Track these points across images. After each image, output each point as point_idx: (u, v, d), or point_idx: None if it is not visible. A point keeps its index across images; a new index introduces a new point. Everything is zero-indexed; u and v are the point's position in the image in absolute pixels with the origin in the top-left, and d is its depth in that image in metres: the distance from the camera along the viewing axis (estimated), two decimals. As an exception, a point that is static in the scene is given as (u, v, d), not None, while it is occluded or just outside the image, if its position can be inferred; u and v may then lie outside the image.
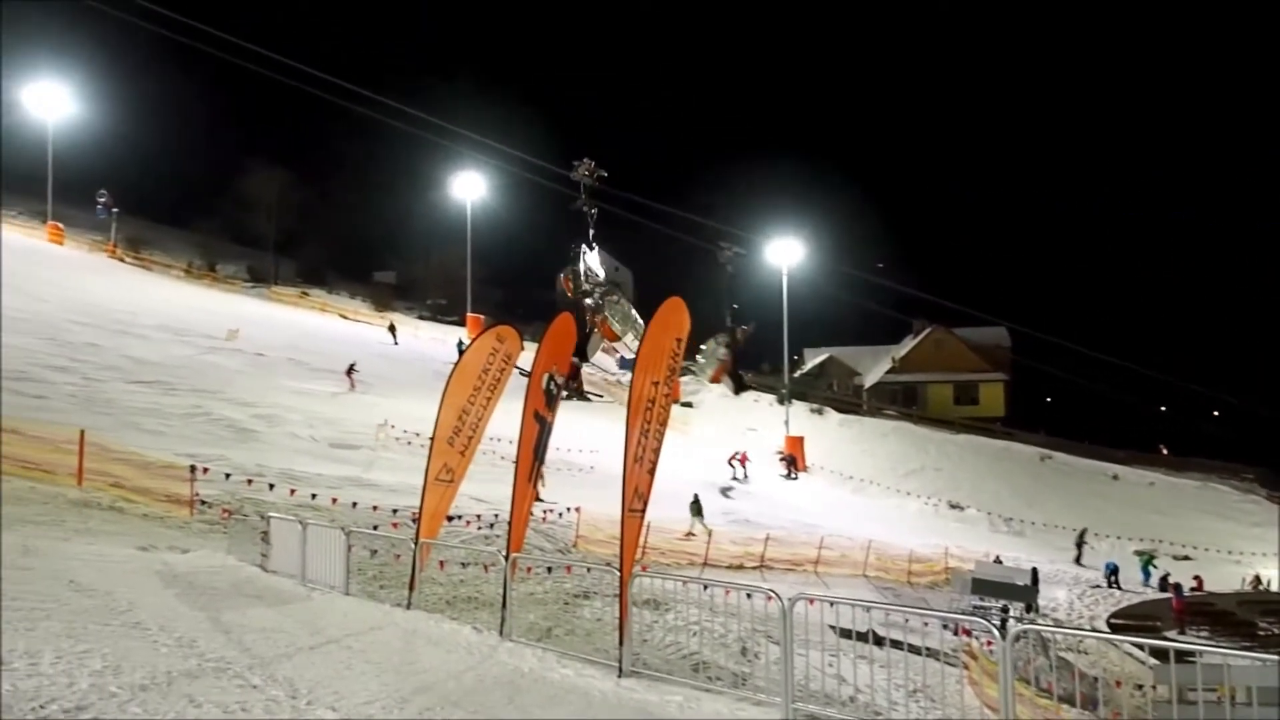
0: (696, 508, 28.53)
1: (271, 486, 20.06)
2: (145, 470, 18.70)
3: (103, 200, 54.28)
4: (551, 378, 12.28)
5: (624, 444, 11.12)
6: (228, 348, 36.27)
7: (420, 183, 73.22)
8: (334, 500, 20.28)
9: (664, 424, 11.75)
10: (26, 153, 56.25)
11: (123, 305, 37.99)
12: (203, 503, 18.23)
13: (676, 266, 69.12)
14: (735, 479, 40.82)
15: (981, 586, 25.91)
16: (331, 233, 73.94)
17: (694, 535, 27.23)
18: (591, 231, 15.98)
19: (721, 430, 50.09)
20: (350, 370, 36.60)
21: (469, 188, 63.04)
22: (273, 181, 69.79)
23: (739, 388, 26.74)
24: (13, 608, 8.82)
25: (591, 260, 15.99)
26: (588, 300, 15.89)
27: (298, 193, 71.56)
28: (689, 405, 52.65)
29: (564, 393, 14.59)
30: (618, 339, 16.20)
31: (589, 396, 22.17)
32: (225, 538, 16.00)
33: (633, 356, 16.15)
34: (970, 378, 72.72)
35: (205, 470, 19.26)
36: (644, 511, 11.58)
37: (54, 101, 54.83)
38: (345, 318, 56.93)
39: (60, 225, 52.05)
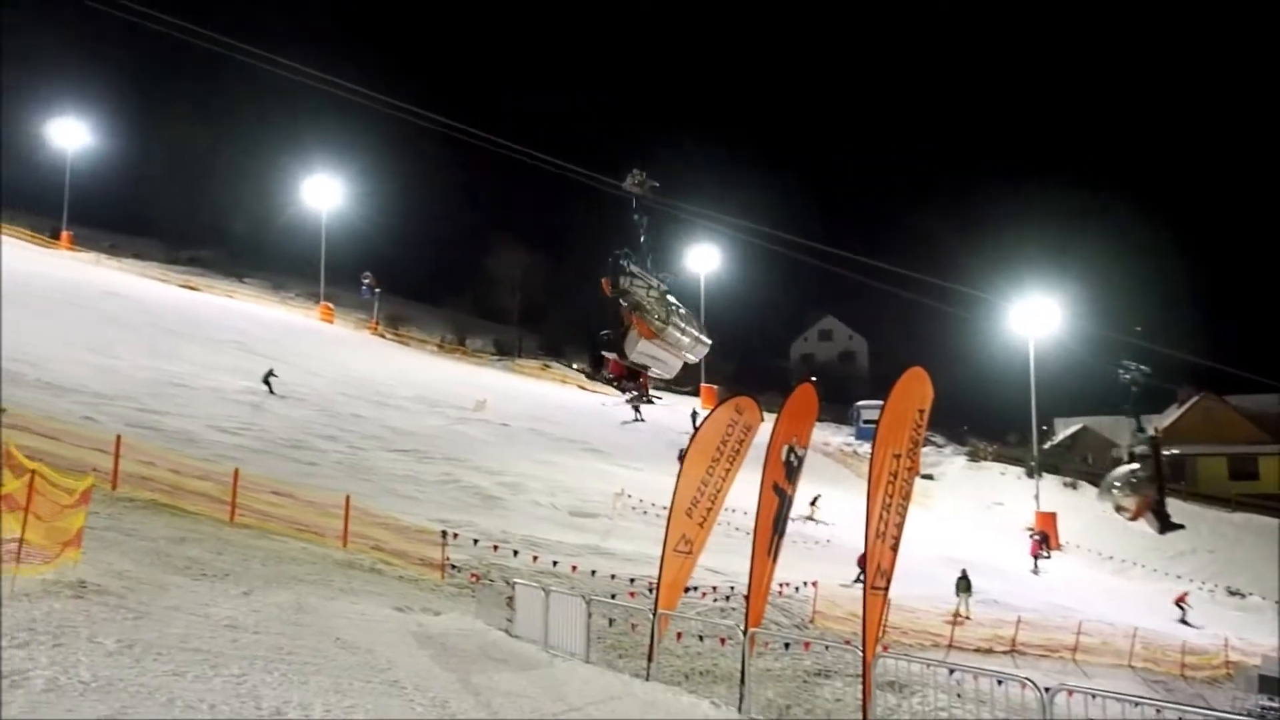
0: (964, 585, 27.06)
1: (515, 553, 20.78)
2: (402, 534, 19.86)
3: (367, 281, 59.18)
4: (791, 449, 12.08)
5: (865, 518, 10.76)
6: (476, 418, 38.28)
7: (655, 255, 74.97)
8: (574, 568, 20.74)
9: (907, 498, 11.29)
10: (304, 239, 62.69)
11: (384, 378, 40.99)
12: (453, 567, 19.10)
13: (914, 331, 67.33)
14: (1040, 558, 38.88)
15: (1270, 685, 23.10)
16: (570, 306, 77.13)
17: (965, 618, 25.81)
18: (642, 238, 16.16)
19: (965, 504, 47.74)
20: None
21: (703, 260, 64.09)
22: (517, 258, 73.89)
23: (1165, 527, 25.01)
24: (289, 661, 9.48)
25: (635, 268, 16.02)
26: (623, 301, 15.87)
27: (540, 268, 75.37)
28: (929, 478, 50.61)
29: (631, 394, 14.52)
30: (655, 335, 16.12)
31: (653, 400, 21.69)
32: (474, 601, 16.64)
33: (672, 358, 16.84)
34: (1247, 450, 65.73)
35: (455, 535, 20.22)
36: (887, 589, 11.11)
37: (327, 194, 61.35)
38: (584, 389, 58.92)
39: (331, 305, 57.27)
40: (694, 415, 45.89)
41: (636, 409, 44.61)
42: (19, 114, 66.30)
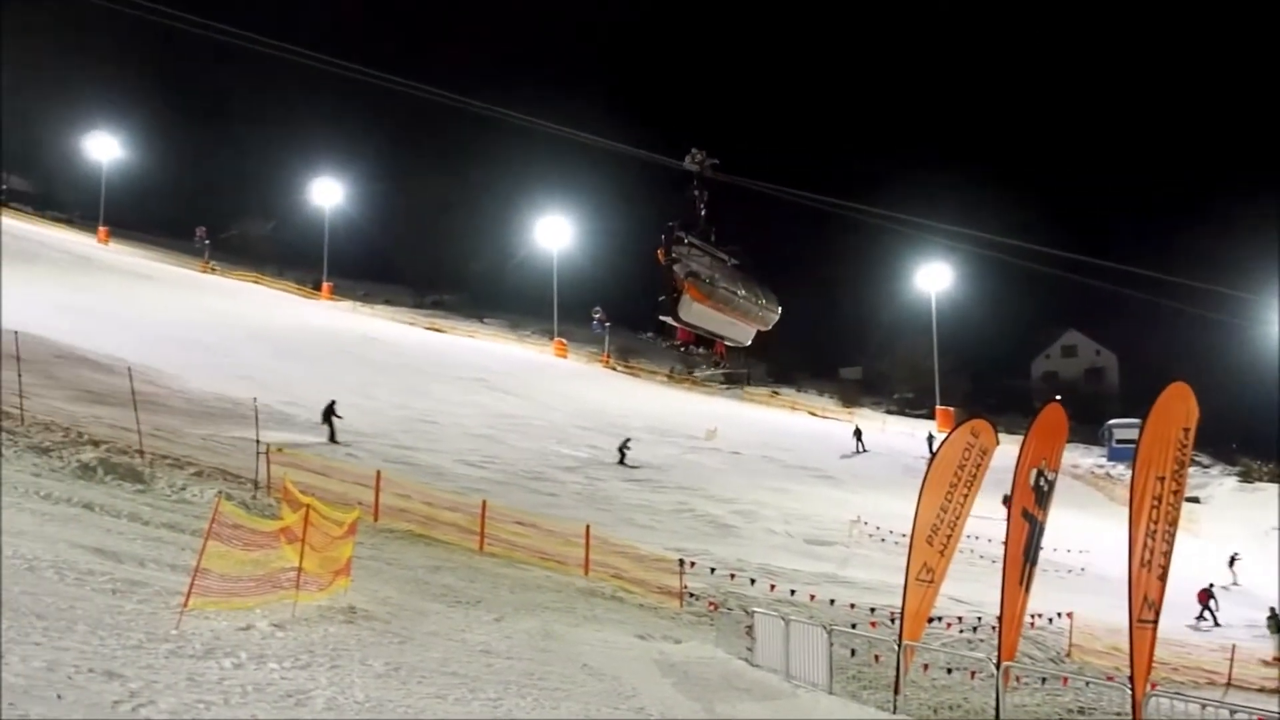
0: (1277, 624, 24.61)
1: (753, 581, 20.67)
2: (640, 563, 20.22)
3: (598, 316, 61.16)
4: (1041, 473, 11.40)
5: (1128, 546, 10.01)
6: (707, 447, 38.59)
7: (882, 275, 73.16)
8: (811, 597, 20.38)
9: (1173, 524, 10.43)
10: (537, 279, 65.63)
11: (616, 410, 42.10)
12: (691, 595, 19.23)
13: (1170, 342, 62.12)
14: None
15: None
16: (799, 332, 76.49)
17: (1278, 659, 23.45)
18: (703, 212, 16.82)
19: (1236, 529, 43.34)
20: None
21: (934, 278, 61.99)
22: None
23: None
24: (540, 686, 9.83)
25: (692, 239, 16.61)
26: (676, 266, 16.31)
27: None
28: (1195, 500, 46.34)
29: (706, 365, 14.77)
30: (707, 299, 16.55)
31: (721, 364, 20.54)
32: (713, 630, 16.66)
33: (739, 323, 17.36)
34: None
35: (692, 564, 20.36)
36: (1155, 622, 10.27)
37: (558, 234, 64.17)
38: (814, 415, 58.20)
39: (564, 341, 59.59)
40: (930, 439, 44.36)
41: (858, 440, 43.27)
42: (289, 180, 73.60)
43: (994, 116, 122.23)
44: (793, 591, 20.35)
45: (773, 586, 20.57)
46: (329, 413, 27.46)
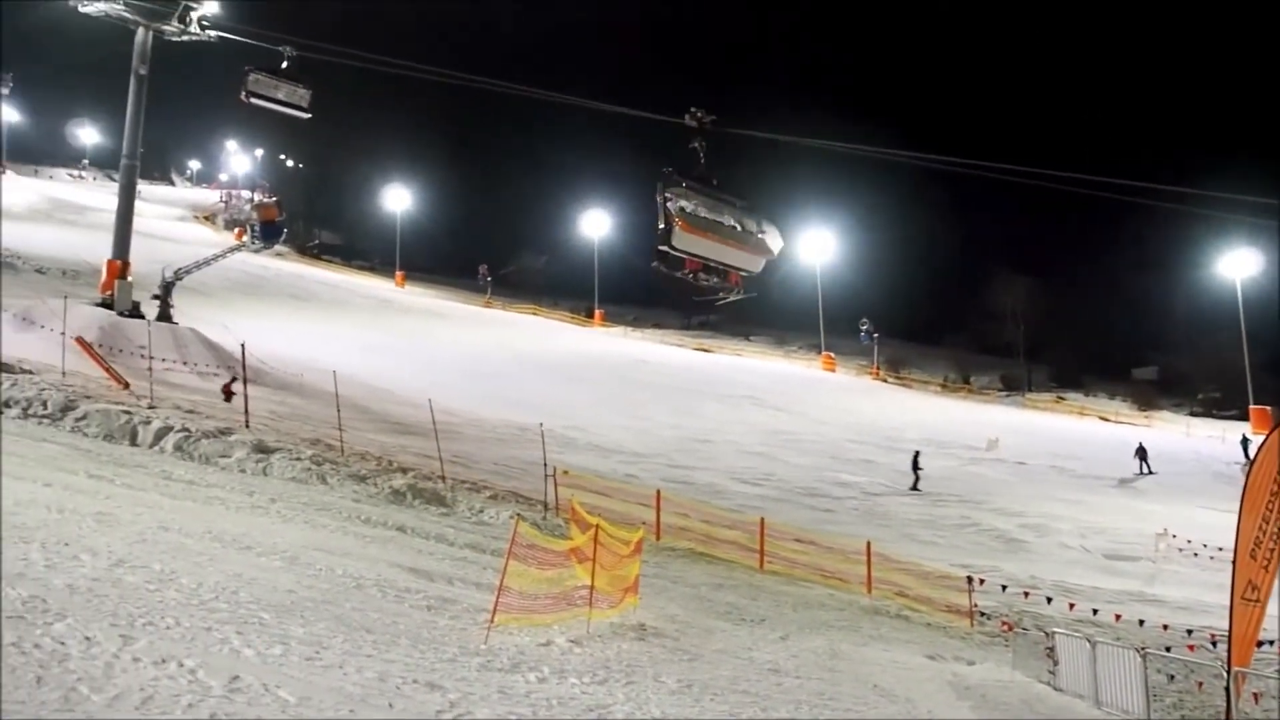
0: None
1: (1049, 600, 19.42)
2: (924, 580, 19.51)
3: (865, 328, 59.92)
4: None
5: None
6: (989, 458, 36.76)
7: (1178, 265, 66.88)
8: (1116, 617, 18.83)
9: None
10: (801, 294, 65.20)
11: (889, 422, 41.00)
12: (982, 614, 18.33)
13: None
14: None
15: None
16: (1083, 333, 71.50)
17: None
18: (701, 161, 20.32)
19: None
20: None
21: (1239, 264, 55.97)
22: (1016, 288, 70.38)
23: None
24: (831, 707, 9.71)
25: (687, 183, 19.78)
26: (669, 204, 19.46)
27: (1044, 297, 71.01)
28: None
29: (724, 294, 21.88)
30: (694, 230, 19.62)
31: (743, 295, 22.79)
32: (1008, 651, 15.79)
33: (742, 253, 20.56)
34: None
35: (981, 581, 19.42)
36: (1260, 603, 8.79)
37: (822, 248, 63.47)
38: (1105, 420, 54.05)
39: (831, 354, 58.78)
40: (1244, 442, 39.73)
41: (1143, 461, 37.89)
42: (561, 216, 77.56)
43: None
44: (1095, 611, 18.89)
45: (1071, 605, 19.20)
46: (916, 463, 29.80)
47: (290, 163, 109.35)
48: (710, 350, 60.45)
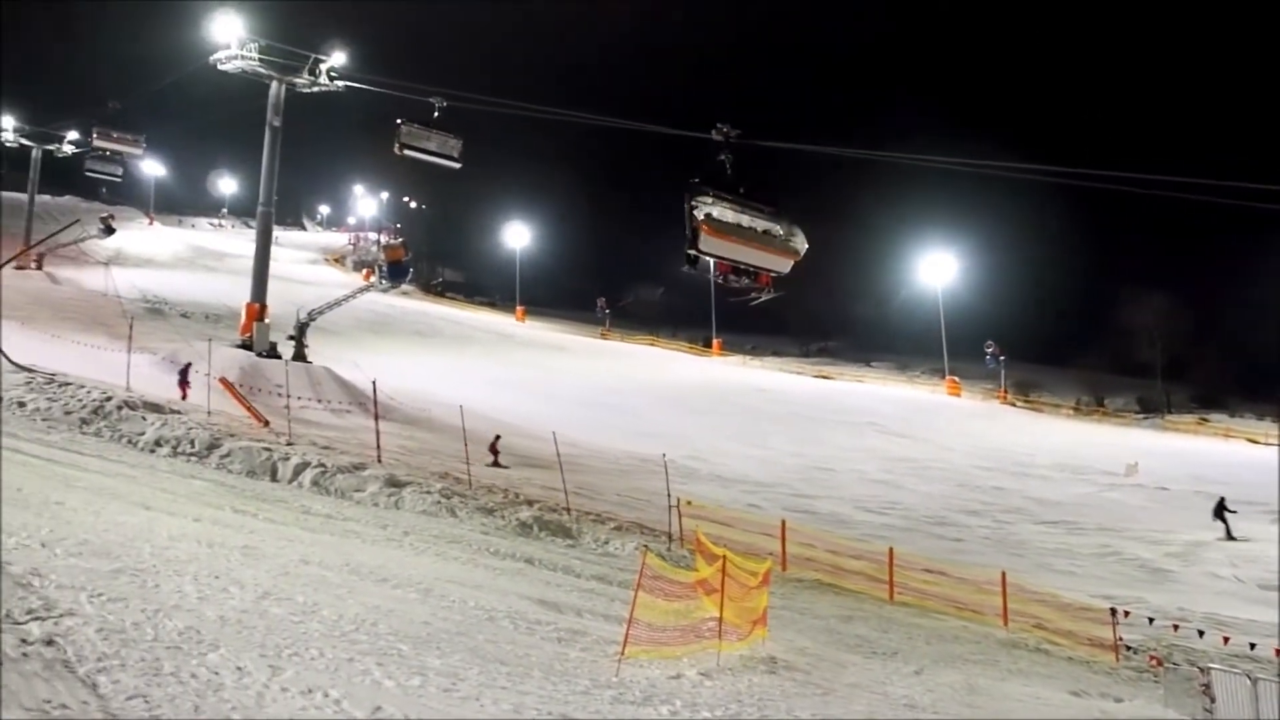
0: None
1: (1201, 633, 18.35)
2: (1063, 611, 18.67)
3: (990, 350, 58.15)
4: None
5: None
6: (1128, 483, 35.08)
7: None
8: (1277, 651, 17.67)
9: None
10: (922, 317, 63.85)
11: (1019, 448, 39.59)
12: (1128, 648, 17.43)
13: None
14: None
15: None
16: (1226, 350, 67.83)
17: None
18: (728, 172, 21.65)
19: None
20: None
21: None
22: (1151, 305, 67.33)
23: None
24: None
25: (713, 193, 20.95)
26: (695, 211, 20.82)
27: (1182, 314, 67.72)
28: None
29: (756, 295, 22.80)
30: (716, 234, 20.88)
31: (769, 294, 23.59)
32: (1158, 688, 14.97)
33: (768, 254, 21.78)
34: None
35: (1126, 613, 18.48)
36: None
37: (943, 270, 62.01)
38: (1254, 442, 50.97)
39: (956, 379, 57.20)
40: None
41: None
42: (676, 246, 77.61)
43: None
44: (1253, 645, 17.76)
45: (1226, 639, 18.09)
46: (1220, 510, 28.12)
47: (413, 204, 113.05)
48: (830, 377, 59.62)
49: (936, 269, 62.79)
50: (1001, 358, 58.01)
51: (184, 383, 26.37)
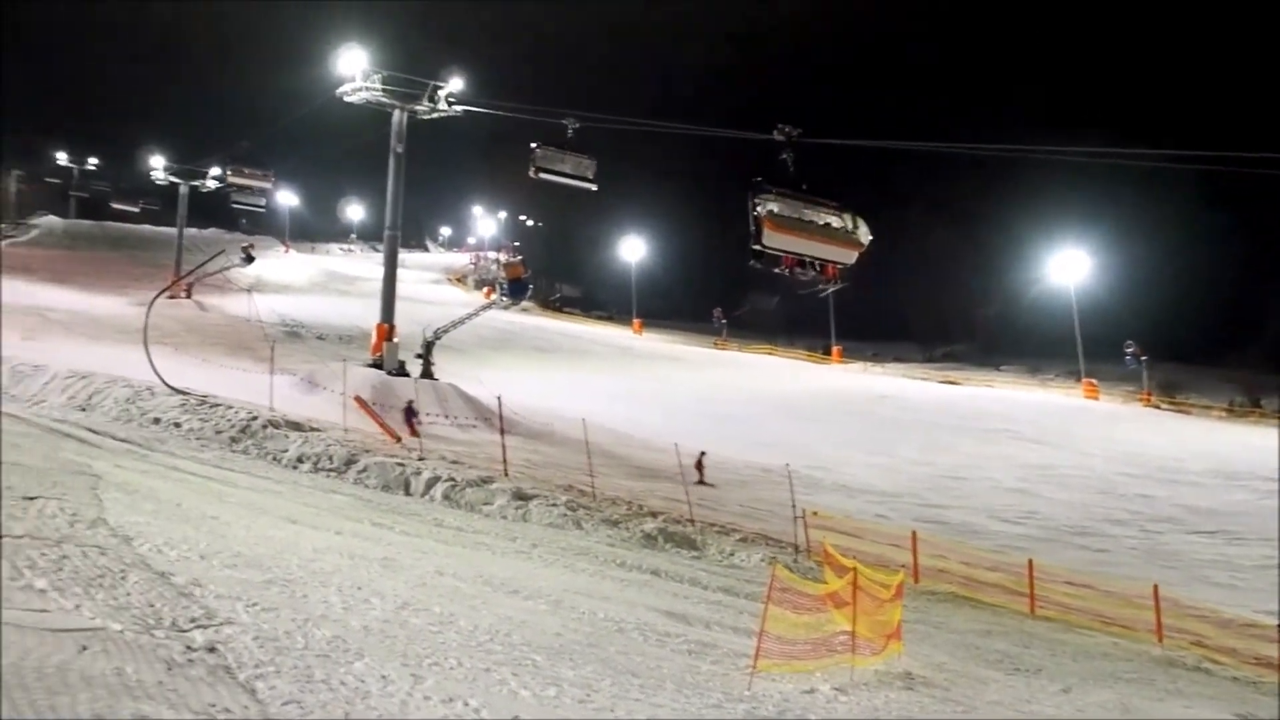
0: None
1: (1379, 651, 17.05)
2: (1225, 628, 17.65)
3: (1130, 351, 55.60)
4: None
5: None
6: (1290, 490, 32.94)
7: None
8: None
9: None
10: (1054, 318, 61.48)
11: (1166, 453, 37.61)
12: (1301, 669, 16.32)
13: None
14: None
15: None
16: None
17: None
18: (791, 170, 23.14)
19: None
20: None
21: None
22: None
23: None
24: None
25: (775, 191, 22.65)
26: (758, 209, 22.40)
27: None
28: None
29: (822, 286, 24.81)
30: (779, 229, 22.44)
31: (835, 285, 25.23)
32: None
33: (830, 246, 23.56)
34: None
35: (1295, 631, 17.32)
36: None
37: (1075, 267, 59.65)
38: None
39: (1093, 381, 54.77)
40: None
41: None
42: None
43: None
44: None
45: None
46: None
47: (530, 222, 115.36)
48: (957, 382, 57.97)
49: (1068, 267, 60.37)
50: (1143, 358, 55.36)
51: (410, 419, 27.15)
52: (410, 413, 27.20)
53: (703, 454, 27.00)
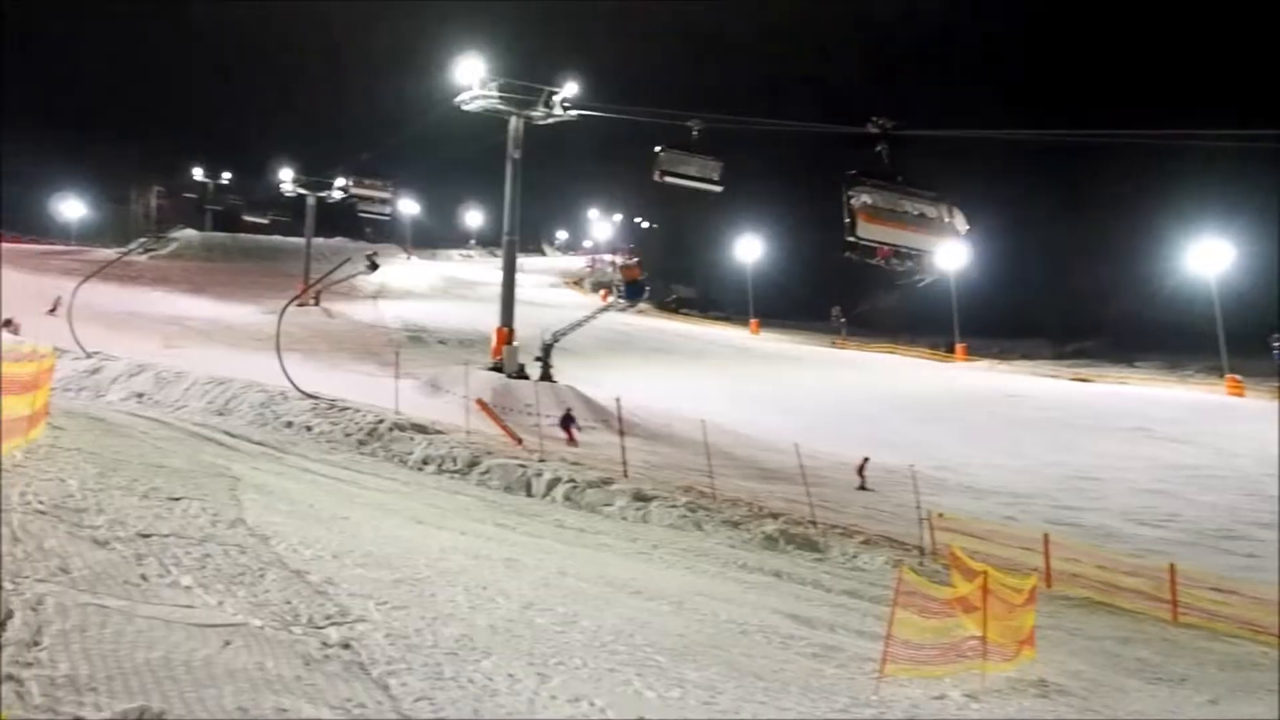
0: None
1: None
2: (1387, 638, 16.46)
3: (1277, 345, 52.55)
4: None
5: None
6: None
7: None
8: None
9: None
10: (1193, 312, 58.42)
11: (1323, 452, 35.34)
12: None
13: None
14: None
15: None
16: None
17: None
18: (886, 161, 23.06)
19: None
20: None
21: None
22: None
23: None
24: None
25: (870, 183, 22.91)
26: (852, 201, 22.62)
27: None
28: None
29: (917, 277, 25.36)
30: (873, 219, 22.66)
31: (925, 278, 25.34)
32: None
33: (921, 235, 23.95)
34: None
35: None
36: None
37: (1215, 257, 56.54)
38: None
39: (1238, 377, 51.90)
40: None
41: None
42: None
43: None
44: None
45: None
46: None
47: (645, 224, 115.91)
48: (1089, 380, 55.62)
49: (1208, 257, 57.25)
50: (1290, 351, 52.29)
51: (568, 427, 27.96)
52: (568, 420, 27.66)
53: (865, 459, 26.84)
